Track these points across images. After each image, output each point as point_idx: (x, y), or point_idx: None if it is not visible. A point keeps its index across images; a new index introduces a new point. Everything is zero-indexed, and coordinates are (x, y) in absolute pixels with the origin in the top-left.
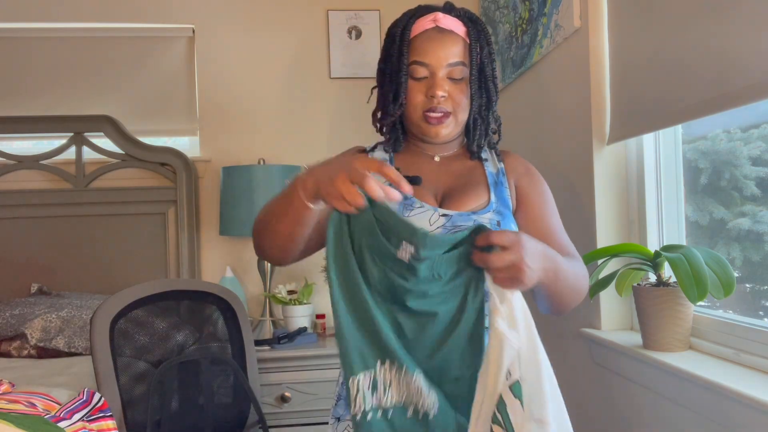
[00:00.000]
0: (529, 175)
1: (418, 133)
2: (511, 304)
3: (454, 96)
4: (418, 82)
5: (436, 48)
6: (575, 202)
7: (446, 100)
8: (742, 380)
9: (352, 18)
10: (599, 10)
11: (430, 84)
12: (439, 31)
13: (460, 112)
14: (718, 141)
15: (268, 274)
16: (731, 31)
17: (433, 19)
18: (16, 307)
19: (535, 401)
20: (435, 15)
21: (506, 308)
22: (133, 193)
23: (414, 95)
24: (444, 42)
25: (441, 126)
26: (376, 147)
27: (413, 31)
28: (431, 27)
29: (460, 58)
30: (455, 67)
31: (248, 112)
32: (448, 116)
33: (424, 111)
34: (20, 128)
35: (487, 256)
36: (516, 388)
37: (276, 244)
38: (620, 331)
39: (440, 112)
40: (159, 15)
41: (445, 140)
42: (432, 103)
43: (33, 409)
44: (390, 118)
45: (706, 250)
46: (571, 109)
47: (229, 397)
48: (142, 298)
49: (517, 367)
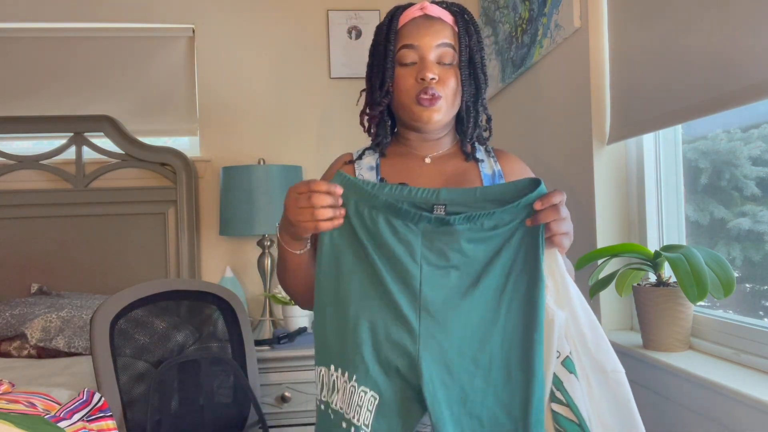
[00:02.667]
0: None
1: (409, 120)
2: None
3: (444, 79)
4: (408, 68)
5: (424, 32)
6: (575, 202)
7: (437, 83)
8: (742, 380)
9: (352, 18)
10: (599, 10)
11: (419, 68)
12: (427, 17)
13: (451, 97)
14: (718, 141)
15: (268, 274)
16: (731, 31)
17: (420, 7)
18: (16, 307)
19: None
20: (422, 4)
21: (552, 282)
22: (133, 193)
23: (404, 81)
24: (432, 25)
25: (433, 109)
26: (363, 153)
27: (401, 21)
28: (419, 15)
29: (449, 39)
30: (445, 48)
31: (248, 112)
32: (440, 99)
33: (416, 95)
34: (20, 128)
35: (553, 209)
36: (568, 363)
37: (302, 292)
38: (620, 331)
39: (431, 93)
40: (159, 15)
41: (437, 127)
42: (423, 85)
43: (33, 409)
44: (378, 108)
45: (706, 250)
46: (571, 109)
47: (229, 397)
48: (142, 298)
49: (565, 343)
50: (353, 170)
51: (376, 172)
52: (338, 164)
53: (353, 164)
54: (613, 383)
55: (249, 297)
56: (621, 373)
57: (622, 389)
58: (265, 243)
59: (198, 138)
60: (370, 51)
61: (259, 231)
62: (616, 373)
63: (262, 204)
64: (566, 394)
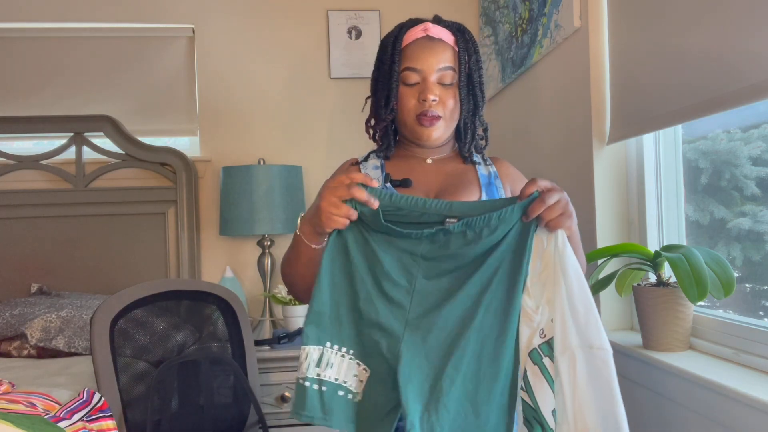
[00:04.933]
0: (521, 181)
1: (411, 136)
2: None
3: (444, 100)
4: (411, 88)
5: (427, 55)
6: (575, 202)
7: (437, 104)
8: (742, 380)
9: (352, 18)
10: (599, 10)
11: (421, 89)
12: (429, 39)
13: (450, 116)
14: (718, 141)
15: (268, 274)
16: (731, 31)
17: (423, 28)
18: (16, 307)
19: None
20: (425, 25)
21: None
22: (133, 193)
23: (407, 100)
24: (434, 49)
25: (433, 128)
26: (369, 156)
27: (404, 41)
28: (422, 36)
29: (450, 63)
30: (445, 71)
31: (248, 112)
32: (439, 119)
33: (417, 115)
34: (20, 128)
35: (539, 200)
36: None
37: (305, 287)
38: (620, 331)
39: (431, 114)
40: (159, 15)
41: (437, 143)
42: (424, 106)
43: (33, 409)
44: (383, 123)
45: (706, 250)
46: (571, 109)
47: (229, 397)
48: (142, 298)
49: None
50: (359, 171)
51: (381, 170)
52: (345, 166)
53: (359, 166)
54: (597, 360)
55: (249, 297)
56: (607, 351)
57: (605, 367)
58: (265, 243)
59: (198, 138)
60: (376, 64)
61: (259, 231)
62: (601, 350)
63: (262, 204)
64: (528, 383)
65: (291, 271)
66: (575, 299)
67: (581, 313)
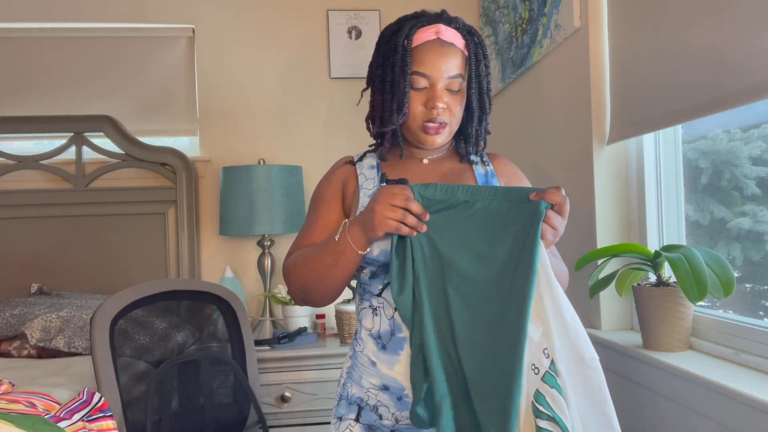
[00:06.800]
0: (518, 179)
1: (414, 140)
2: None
3: (452, 107)
4: (418, 92)
5: (438, 61)
6: (575, 202)
7: (444, 111)
8: (742, 380)
9: (352, 18)
10: (599, 10)
11: (429, 95)
12: (441, 43)
13: (455, 122)
14: (718, 141)
15: (268, 274)
16: (731, 31)
17: (435, 30)
18: (16, 307)
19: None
20: (437, 27)
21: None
22: (133, 193)
23: (414, 105)
24: (445, 55)
25: (437, 136)
26: (365, 155)
27: (414, 41)
28: (433, 39)
29: (459, 70)
30: (454, 79)
31: (248, 112)
32: (445, 126)
33: (423, 121)
34: (20, 128)
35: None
36: (549, 378)
37: (330, 293)
38: (620, 331)
39: (438, 122)
40: (159, 15)
41: (438, 147)
42: (431, 113)
43: (33, 409)
44: (391, 127)
45: (706, 250)
46: (571, 109)
47: (229, 397)
48: (142, 298)
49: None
50: (354, 170)
51: (377, 170)
52: (339, 164)
53: (354, 165)
54: (590, 371)
55: (249, 297)
56: (597, 360)
57: (597, 375)
58: (265, 243)
59: (198, 138)
60: (380, 61)
61: (259, 231)
62: (593, 361)
63: (262, 204)
64: (549, 407)
65: (313, 276)
66: (564, 313)
67: (571, 326)
